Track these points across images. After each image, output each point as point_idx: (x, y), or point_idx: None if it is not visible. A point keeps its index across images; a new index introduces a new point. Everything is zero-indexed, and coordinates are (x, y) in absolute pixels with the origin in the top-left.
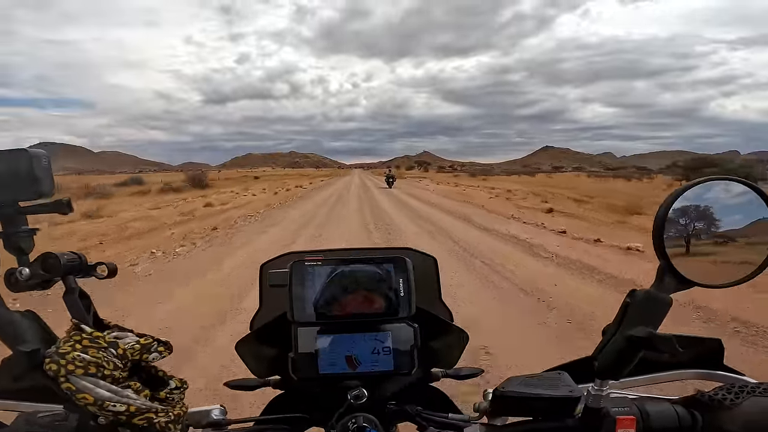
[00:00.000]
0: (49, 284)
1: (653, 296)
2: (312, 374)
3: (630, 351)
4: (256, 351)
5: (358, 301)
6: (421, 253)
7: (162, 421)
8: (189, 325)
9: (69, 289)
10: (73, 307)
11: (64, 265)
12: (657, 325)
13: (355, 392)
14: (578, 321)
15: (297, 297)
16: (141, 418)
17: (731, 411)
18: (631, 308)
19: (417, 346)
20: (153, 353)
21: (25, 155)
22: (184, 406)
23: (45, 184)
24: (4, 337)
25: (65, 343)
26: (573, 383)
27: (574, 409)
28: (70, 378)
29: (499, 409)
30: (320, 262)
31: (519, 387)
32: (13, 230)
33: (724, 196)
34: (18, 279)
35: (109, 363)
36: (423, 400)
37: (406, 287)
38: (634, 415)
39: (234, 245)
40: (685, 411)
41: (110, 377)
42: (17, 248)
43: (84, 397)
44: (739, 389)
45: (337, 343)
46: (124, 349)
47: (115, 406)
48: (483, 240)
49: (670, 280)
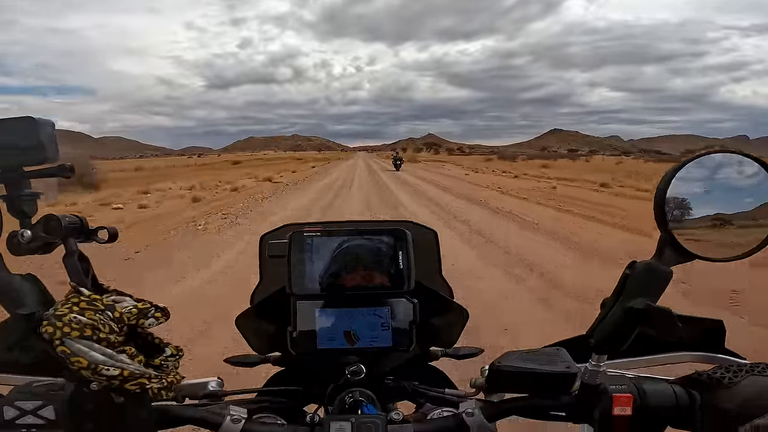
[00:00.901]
0: (50, 247)
1: (653, 268)
2: (310, 349)
3: (628, 324)
4: (256, 326)
5: (357, 273)
6: (421, 226)
7: (155, 387)
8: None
9: (69, 251)
10: (72, 269)
11: (66, 227)
12: (656, 298)
13: (353, 368)
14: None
15: (296, 268)
16: (134, 383)
17: (729, 390)
18: (630, 280)
19: (416, 322)
20: (150, 318)
21: (30, 122)
22: (178, 374)
23: (50, 150)
24: (3, 299)
25: (62, 306)
26: (570, 359)
27: (572, 385)
28: (65, 341)
29: (496, 384)
30: (319, 233)
31: (516, 362)
32: (16, 194)
33: (728, 169)
34: (20, 241)
35: (105, 326)
36: (421, 378)
37: (406, 260)
38: (631, 392)
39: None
40: (682, 390)
41: (105, 341)
42: (20, 211)
43: (78, 360)
44: (738, 368)
45: (336, 318)
46: (121, 312)
47: (108, 370)
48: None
49: (670, 252)
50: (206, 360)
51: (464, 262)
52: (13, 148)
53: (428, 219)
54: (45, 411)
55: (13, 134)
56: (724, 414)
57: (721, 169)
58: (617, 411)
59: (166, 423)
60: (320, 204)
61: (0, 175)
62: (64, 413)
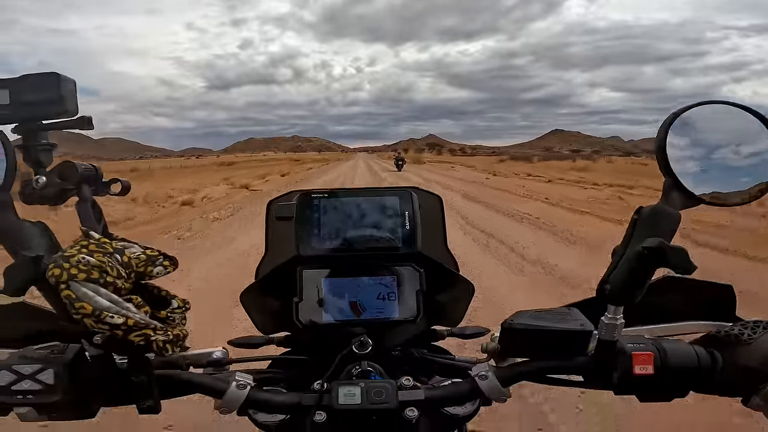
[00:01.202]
0: (63, 196)
1: (660, 210)
2: (317, 320)
3: (642, 267)
4: (262, 302)
5: (364, 234)
6: (427, 192)
7: (160, 339)
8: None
9: (83, 198)
10: (84, 215)
11: (81, 174)
12: (669, 239)
13: (360, 339)
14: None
15: (303, 229)
16: (138, 333)
17: (750, 346)
18: (639, 224)
19: (423, 290)
20: (158, 267)
21: (54, 77)
22: (184, 329)
23: (69, 104)
24: (11, 243)
25: (71, 248)
26: (584, 318)
27: (587, 344)
28: (71, 284)
29: (508, 345)
30: (327, 194)
31: (529, 320)
32: (32, 143)
33: (728, 119)
34: (34, 188)
35: (113, 269)
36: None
37: (412, 222)
38: (651, 351)
39: None
40: (703, 350)
41: (112, 285)
42: (36, 161)
43: (82, 306)
44: (755, 324)
45: (342, 287)
46: (129, 257)
47: (113, 318)
48: None
49: (677, 195)
50: None
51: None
52: (34, 101)
53: (479, 262)
54: (43, 375)
55: (36, 88)
56: (746, 371)
57: (719, 118)
58: (638, 370)
59: (170, 390)
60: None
61: (18, 127)
62: (64, 377)
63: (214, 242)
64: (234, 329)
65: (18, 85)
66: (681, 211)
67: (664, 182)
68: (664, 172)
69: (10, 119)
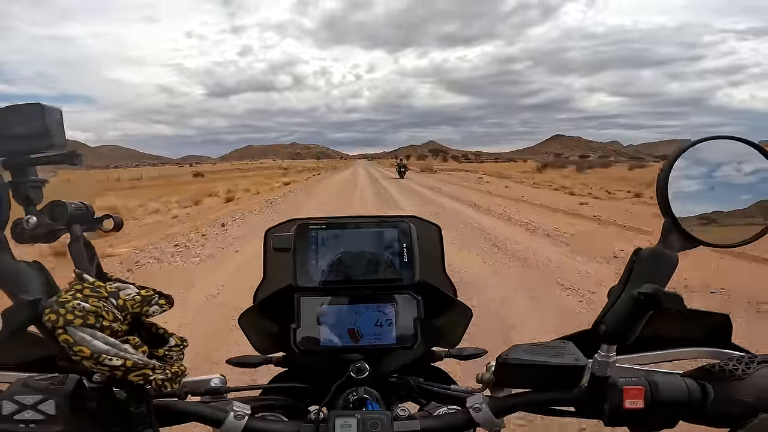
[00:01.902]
0: (55, 235)
1: (659, 253)
2: (314, 347)
3: (637, 311)
4: (259, 325)
5: (362, 266)
6: (425, 221)
7: (159, 378)
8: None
9: (74, 237)
10: (77, 256)
11: (71, 214)
12: (664, 284)
13: (357, 365)
14: None
15: (301, 261)
16: (137, 374)
17: (743, 381)
18: (636, 266)
19: (420, 318)
20: (153, 306)
21: (38, 108)
22: (182, 365)
23: (57, 137)
24: (8, 286)
25: (66, 293)
26: (579, 352)
27: (580, 378)
28: (68, 329)
29: (503, 378)
30: (324, 226)
31: (523, 355)
32: (22, 180)
33: (730, 155)
34: (24, 228)
35: (109, 313)
36: (426, 377)
37: (410, 253)
38: (642, 385)
39: None
40: (694, 383)
41: (109, 329)
42: (25, 198)
43: (81, 350)
44: (749, 359)
45: (340, 314)
46: (125, 299)
47: (111, 360)
48: None
49: (675, 237)
50: None
51: None
52: (20, 134)
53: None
54: (45, 405)
55: (21, 120)
56: (738, 406)
57: (722, 155)
58: (628, 404)
59: (168, 419)
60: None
61: (6, 161)
62: (65, 408)
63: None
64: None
65: (1, 117)
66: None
67: (664, 223)
68: (664, 213)
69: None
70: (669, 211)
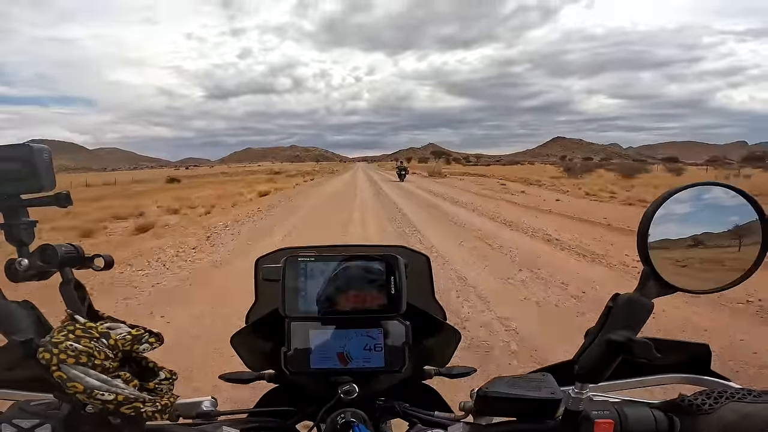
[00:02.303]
0: (46, 275)
1: (635, 301)
2: (304, 368)
3: (609, 355)
4: (251, 344)
5: (350, 297)
6: (415, 252)
7: (149, 410)
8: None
9: (65, 279)
10: (68, 297)
11: (62, 257)
12: (637, 330)
13: (346, 387)
14: None
15: (290, 292)
16: (129, 407)
17: (709, 416)
18: (613, 312)
19: (408, 343)
20: (144, 344)
21: (27, 149)
22: (172, 396)
23: (46, 178)
24: (1, 326)
25: (59, 333)
26: (556, 385)
27: (556, 411)
28: (61, 367)
29: (484, 409)
30: (313, 258)
31: (503, 387)
32: (14, 222)
33: (711, 201)
34: (17, 269)
35: (101, 353)
36: (414, 398)
37: (398, 285)
38: (612, 418)
39: None
40: (663, 415)
41: (101, 367)
42: (18, 240)
43: (74, 385)
44: (719, 394)
45: (330, 338)
46: (116, 339)
47: (103, 395)
48: None
49: (652, 285)
50: None
51: None
52: (9, 176)
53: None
54: (42, 430)
55: (10, 161)
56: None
57: (703, 202)
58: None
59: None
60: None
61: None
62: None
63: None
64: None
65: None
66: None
67: (642, 271)
68: (643, 261)
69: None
70: (647, 259)
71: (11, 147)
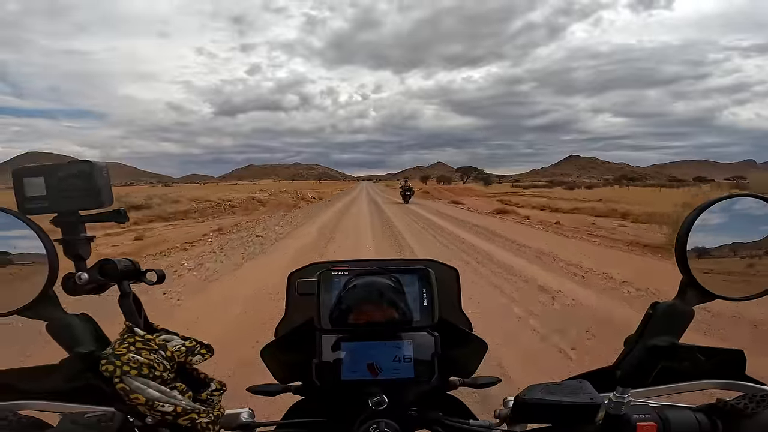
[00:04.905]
0: (103, 289)
1: (675, 308)
2: (334, 380)
3: (651, 360)
4: (280, 357)
5: (382, 309)
6: (444, 265)
7: (203, 421)
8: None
9: (123, 293)
10: (127, 310)
11: (121, 271)
12: (679, 336)
13: (376, 398)
14: None
15: (324, 305)
16: (185, 418)
17: (751, 419)
18: (653, 319)
19: (437, 354)
20: (197, 355)
21: (88, 166)
22: (222, 407)
23: (105, 195)
24: (62, 339)
25: (120, 345)
26: (594, 391)
27: (595, 416)
28: (124, 378)
29: (520, 416)
30: (347, 272)
31: (540, 394)
32: (72, 237)
33: (746, 211)
34: (76, 283)
35: (159, 364)
36: (442, 408)
37: (429, 297)
38: (654, 421)
39: None
40: (705, 418)
41: (159, 378)
42: (76, 255)
43: (136, 397)
44: (761, 398)
45: (359, 350)
46: (172, 351)
47: (163, 407)
48: None
49: (692, 293)
50: None
51: None
52: (70, 193)
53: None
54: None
55: (71, 178)
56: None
57: (739, 212)
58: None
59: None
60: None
61: (57, 219)
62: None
63: None
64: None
65: (53, 174)
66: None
67: (681, 279)
68: (681, 270)
69: (48, 210)
70: (687, 268)
71: (72, 164)
